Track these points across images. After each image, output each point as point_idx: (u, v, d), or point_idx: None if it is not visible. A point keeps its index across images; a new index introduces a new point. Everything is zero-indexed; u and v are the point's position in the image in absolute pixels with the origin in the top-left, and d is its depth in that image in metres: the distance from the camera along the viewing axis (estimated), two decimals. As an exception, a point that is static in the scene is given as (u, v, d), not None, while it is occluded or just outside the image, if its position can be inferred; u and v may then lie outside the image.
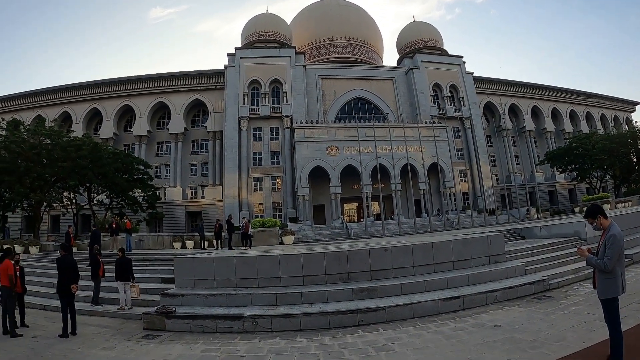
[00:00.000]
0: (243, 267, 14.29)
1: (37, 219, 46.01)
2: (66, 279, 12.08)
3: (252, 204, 63.59)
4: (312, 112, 66.44)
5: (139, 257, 20.52)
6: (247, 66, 67.42)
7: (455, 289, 12.60)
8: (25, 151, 42.33)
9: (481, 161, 69.63)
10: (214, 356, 9.23)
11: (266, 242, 33.93)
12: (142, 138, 70.06)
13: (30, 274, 15.14)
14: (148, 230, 55.64)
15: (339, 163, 57.78)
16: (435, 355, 7.77)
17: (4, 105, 76.67)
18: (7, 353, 10.03)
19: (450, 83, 72.58)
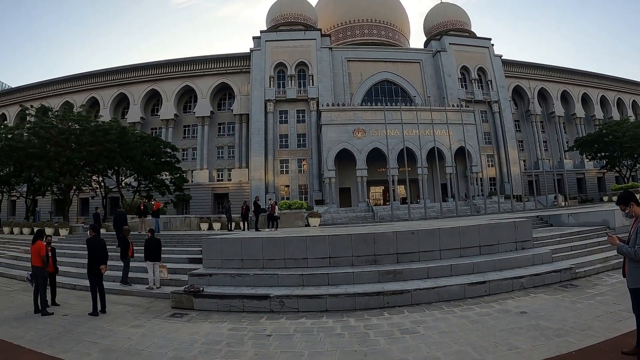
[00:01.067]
0: (270, 248, 14.39)
1: (66, 202, 46.88)
2: (95, 259, 12.32)
3: (278, 186, 63.88)
4: (339, 94, 66.09)
5: (167, 238, 20.81)
6: (273, 49, 67.24)
7: (481, 274, 12.53)
8: (54, 136, 43.08)
9: (509, 146, 68.26)
10: (241, 335, 9.34)
11: (292, 224, 34.08)
12: (169, 122, 70.75)
13: (60, 255, 15.48)
14: (175, 212, 56.27)
15: (366, 146, 57.43)
16: (460, 340, 7.78)
17: (32, 93, 78.50)
18: (39, 331, 10.28)
19: (478, 66, 71.10)
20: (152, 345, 8.83)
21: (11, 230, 38.30)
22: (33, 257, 12.43)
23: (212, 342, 8.90)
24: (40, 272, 12.32)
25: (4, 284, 18.38)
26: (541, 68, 79.43)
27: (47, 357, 8.28)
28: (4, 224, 42.04)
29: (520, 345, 7.26)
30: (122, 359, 8.05)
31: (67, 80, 77.53)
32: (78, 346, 8.95)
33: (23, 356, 8.40)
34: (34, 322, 11.20)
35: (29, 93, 79.09)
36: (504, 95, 70.78)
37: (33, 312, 12.10)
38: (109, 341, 9.28)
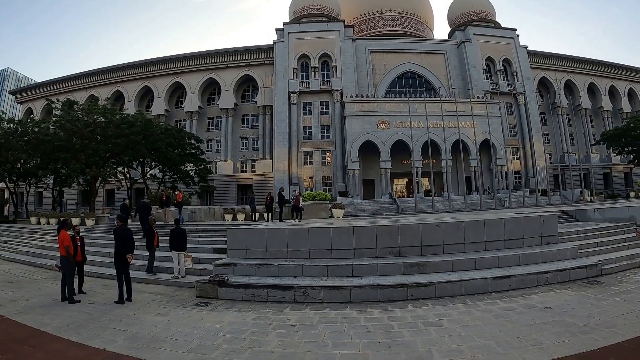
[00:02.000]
0: (295, 239, 14.48)
1: (92, 193, 47.59)
2: (122, 248, 12.55)
3: (302, 177, 63.96)
4: (362, 86, 65.76)
5: (191, 228, 21.04)
6: (296, 41, 67.17)
7: (505, 269, 12.44)
8: (80, 129, 43.79)
9: (534, 139, 67.04)
10: (265, 324, 9.45)
11: (316, 215, 34.14)
12: (193, 114, 71.37)
13: (87, 244, 15.73)
14: (199, 203, 56.95)
15: (390, 138, 57.14)
16: (484, 334, 7.77)
17: (58, 87, 79.92)
18: (65, 318, 10.49)
19: (503, 57, 69.89)
20: (177, 333, 8.98)
21: (38, 220, 38.97)
22: (60, 248, 12.70)
23: (237, 331, 9.01)
24: (65, 261, 12.57)
25: (32, 273, 18.79)
26: (567, 59, 77.76)
27: (73, 344, 8.46)
28: (31, 215, 42.79)
29: (545, 341, 7.23)
30: (147, 346, 8.19)
31: (92, 74, 78.78)
32: (104, 333, 9.13)
33: (50, 343, 8.57)
34: (60, 310, 11.44)
35: (55, 87, 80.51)
36: (530, 87, 69.53)
37: (60, 300, 12.38)
38: (135, 329, 9.46)
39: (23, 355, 7.76)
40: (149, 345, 8.25)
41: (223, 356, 7.46)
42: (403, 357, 6.91)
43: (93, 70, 79.33)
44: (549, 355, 6.55)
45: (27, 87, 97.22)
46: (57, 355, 7.72)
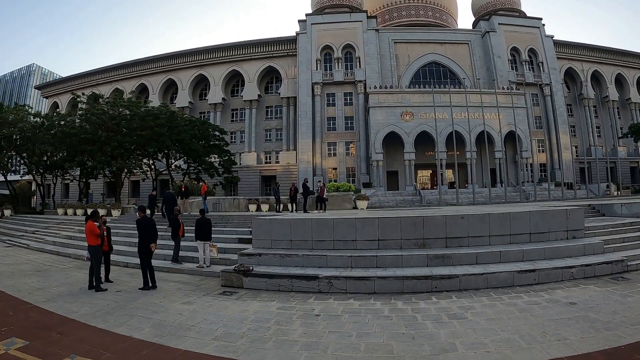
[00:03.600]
0: (319, 230, 14.53)
1: (118, 184, 48.39)
2: (145, 238, 12.84)
3: (325, 168, 64.05)
4: (386, 77, 65.40)
5: (216, 219, 21.22)
6: (319, 32, 67.01)
7: (530, 262, 12.32)
8: (106, 122, 44.52)
9: (560, 131, 65.70)
10: (289, 314, 9.56)
11: (340, 206, 34.16)
12: (217, 106, 71.76)
13: (113, 234, 16.05)
14: (224, 194, 57.22)
15: (414, 129, 56.95)
16: (508, 327, 7.76)
17: (83, 81, 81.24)
18: (92, 306, 10.72)
19: (528, 47, 68.63)
20: (203, 322, 9.14)
21: (65, 211, 39.70)
22: (88, 237, 12.98)
23: (262, 320, 9.13)
24: (94, 250, 12.84)
25: (59, 262, 19.23)
26: (594, 49, 75.78)
27: (100, 331, 8.66)
28: (58, 206, 43.55)
29: (569, 336, 7.19)
30: (173, 333, 8.35)
31: (116, 68, 79.90)
32: (131, 321, 9.34)
33: (77, 330, 8.77)
34: (87, 298, 11.70)
35: (80, 81, 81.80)
36: (556, 78, 68.18)
37: (87, 288, 12.64)
38: (161, 316, 9.67)
39: (51, 342, 7.93)
40: (175, 332, 8.40)
41: (248, 344, 7.57)
42: (427, 348, 6.94)
43: (117, 64, 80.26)
44: (573, 351, 6.52)
45: (53, 82, 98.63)
46: (85, 342, 7.90)
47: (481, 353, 6.58)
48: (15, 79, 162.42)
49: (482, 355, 6.50)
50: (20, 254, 22.38)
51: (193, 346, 7.54)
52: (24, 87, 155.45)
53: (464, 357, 6.46)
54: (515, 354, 6.49)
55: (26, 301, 11.38)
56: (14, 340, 7.98)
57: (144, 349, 7.49)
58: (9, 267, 17.55)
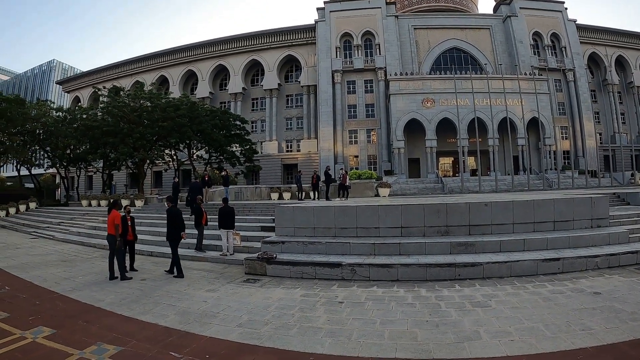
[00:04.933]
0: (342, 217, 14.62)
1: (141, 175, 48.97)
2: (175, 227, 13.05)
3: (347, 156, 64.04)
4: (406, 63, 64.91)
5: (239, 207, 21.37)
6: (338, 19, 66.66)
7: (554, 251, 12.18)
8: (127, 114, 45.07)
9: (584, 118, 64.30)
10: (313, 301, 9.64)
11: (362, 193, 34.06)
12: (237, 95, 72.07)
13: (137, 224, 16.22)
14: (245, 183, 57.56)
15: (435, 116, 56.56)
16: (532, 316, 7.72)
17: (103, 75, 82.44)
18: (118, 294, 10.91)
19: (551, 31, 67.22)
20: (227, 309, 9.26)
21: (89, 203, 40.27)
22: (108, 226, 13.16)
23: (285, 307, 9.23)
24: (114, 239, 12.99)
25: (84, 252, 19.57)
26: (619, 34, 73.87)
27: (126, 319, 8.81)
28: (82, 198, 44.20)
29: (593, 326, 7.12)
30: (198, 320, 8.46)
31: (136, 61, 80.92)
32: (156, 308, 9.49)
33: (103, 318, 8.94)
34: (113, 286, 11.89)
35: (101, 75, 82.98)
36: (579, 63, 66.75)
37: (108, 279, 12.80)
38: (185, 304, 9.80)
39: (78, 330, 8.07)
40: (200, 320, 8.52)
41: (272, 331, 7.64)
42: (451, 336, 6.95)
43: (137, 56, 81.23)
44: (598, 341, 6.46)
45: (74, 76, 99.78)
46: (111, 330, 8.03)
47: (505, 342, 6.57)
48: (37, 75, 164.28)
49: (507, 344, 6.49)
50: (46, 245, 22.80)
51: (218, 333, 7.65)
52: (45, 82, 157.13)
53: (488, 346, 6.45)
54: (540, 343, 6.46)
55: (53, 290, 11.59)
56: (41, 328, 8.14)
57: (170, 336, 7.61)
58: (36, 258, 17.87)
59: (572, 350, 6.17)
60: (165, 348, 6.98)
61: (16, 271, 14.71)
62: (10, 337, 7.69)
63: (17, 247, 22.08)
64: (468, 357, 6.12)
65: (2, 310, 9.51)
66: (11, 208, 42.02)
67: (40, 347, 7.16)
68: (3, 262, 16.94)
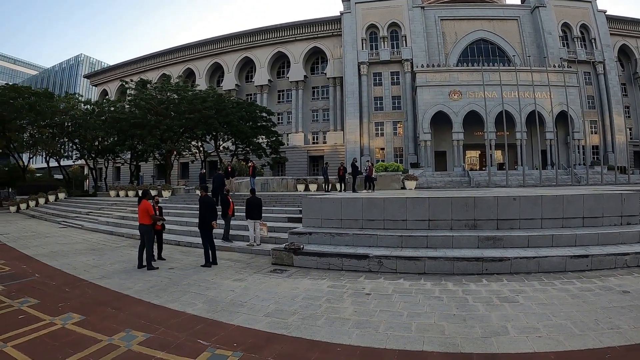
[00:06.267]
0: (370, 209, 14.60)
1: (168, 166, 49.74)
2: (207, 216, 13.27)
3: (373, 149, 64.01)
4: (433, 55, 64.44)
5: (265, 198, 21.54)
6: (363, 11, 66.42)
7: (583, 247, 11.95)
8: (155, 106, 45.79)
9: (614, 112, 62.96)
10: (340, 292, 9.71)
11: (388, 186, 33.99)
12: (263, 87, 72.57)
13: (165, 214, 16.52)
14: (271, 174, 57.93)
15: (462, 108, 56.13)
16: (560, 313, 7.66)
17: (131, 68, 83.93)
18: (146, 282, 11.15)
19: (580, 22, 65.62)
20: (255, 298, 9.39)
21: (117, 193, 40.95)
22: (140, 216, 13.32)
23: (312, 297, 9.33)
24: (147, 229, 13.21)
25: (112, 241, 20.02)
26: (650, 25, 71.88)
27: (154, 306, 8.99)
28: (110, 189, 44.96)
29: (622, 325, 7.02)
30: (226, 309, 8.60)
31: (163, 54, 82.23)
32: (184, 297, 9.67)
33: (132, 305, 9.13)
34: (141, 275, 12.15)
35: (128, 69, 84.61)
36: (609, 55, 65.24)
37: (137, 267, 13.05)
38: (213, 293, 9.96)
39: (107, 317, 8.26)
40: (227, 308, 8.66)
41: (300, 321, 7.73)
42: (478, 330, 6.95)
43: (164, 50, 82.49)
44: (627, 340, 6.40)
45: (101, 70, 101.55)
46: (140, 317, 8.20)
47: (533, 337, 6.55)
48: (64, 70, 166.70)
49: (534, 339, 6.47)
50: (75, 234, 23.29)
51: (246, 322, 7.75)
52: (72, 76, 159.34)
53: (515, 341, 6.45)
54: (568, 340, 6.43)
55: (82, 278, 11.88)
56: (71, 315, 8.35)
57: (198, 324, 7.73)
58: (65, 247, 18.26)
59: (600, 349, 6.12)
60: (193, 336, 7.11)
61: (46, 259, 15.07)
62: (40, 322, 7.89)
63: (46, 236, 22.58)
64: (496, 352, 6.12)
65: (32, 297, 9.78)
66: (41, 198, 43.09)
67: (69, 333, 7.33)
68: (33, 250, 17.39)
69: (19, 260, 15.08)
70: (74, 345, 6.74)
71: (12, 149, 55.01)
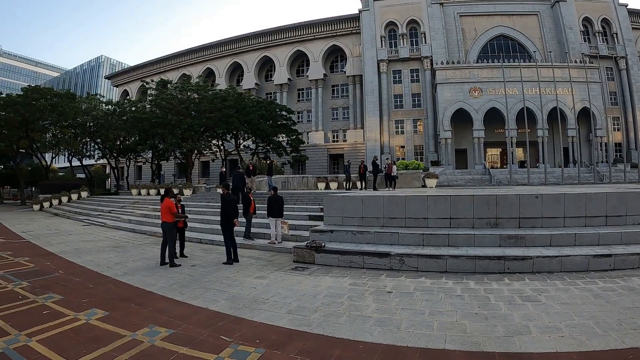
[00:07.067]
0: (391, 207, 14.63)
1: (188, 165, 50.20)
2: (229, 213, 13.40)
3: (393, 147, 63.92)
4: (452, 52, 63.95)
5: (286, 196, 21.67)
6: (382, 8, 66.27)
7: (606, 247, 11.77)
8: (175, 106, 46.34)
9: (637, 108, 61.55)
10: (362, 290, 9.75)
11: (409, 184, 33.89)
12: (283, 86, 72.83)
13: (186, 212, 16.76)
14: (291, 172, 58.22)
15: (483, 105, 55.46)
16: (583, 313, 7.60)
17: (151, 69, 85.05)
18: (169, 279, 11.32)
19: (601, 17, 64.14)
20: (276, 295, 9.50)
21: (139, 192, 41.45)
22: (162, 214, 13.50)
23: (334, 295, 9.39)
24: (170, 227, 13.38)
25: (134, 239, 20.31)
26: (674, 18, 69.93)
27: (177, 303, 9.14)
28: (132, 187, 45.49)
29: (646, 325, 6.95)
30: (248, 306, 8.71)
31: (183, 54, 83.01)
32: (206, 294, 9.80)
33: (156, 301, 9.29)
34: (164, 272, 12.34)
35: (148, 69, 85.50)
36: (632, 50, 63.58)
37: (159, 264, 13.27)
38: (235, 290, 10.09)
39: (130, 313, 8.41)
40: (249, 305, 8.77)
41: (322, 318, 7.79)
42: (500, 329, 6.95)
43: (183, 50, 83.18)
44: (651, 341, 6.35)
45: (122, 71, 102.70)
46: (163, 313, 8.34)
47: (555, 337, 6.53)
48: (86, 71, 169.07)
49: (556, 339, 6.46)
50: (98, 232, 23.65)
51: (268, 319, 7.84)
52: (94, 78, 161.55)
53: (538, 341, 6.44)
54: (590, 340, 6.40)
55: (105, 275, 12.08)
56: (95, 310, 8.51)
57: (220, 320, 7.84)
58: (88, 244, 18.59)
59: (623, 350, 6.08)
60: (216, 332, 7.21)
61: (69, 256, 15.34)
62: (65, 318, 8.05)
63: (69, 234, 22.99)
64: (518, 351, 6.12)
65: (56, 293, 9.97)
66: (63, 197, 43.87)
67: (93, 328, 7.48)
68: (57, 247, 17.69)
69: (42, 257, 15.36)
70: (98, 340, 6.88)
71: (35, 149, 56.02)
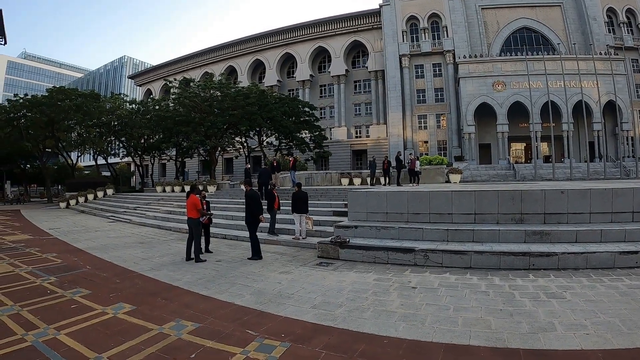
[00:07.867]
0: (415, 202, 14.66)
1: (212, 162, 50.63)
2: (253, 209, 13.49)
3: (416, 142, 63.79)
4: (475, 45, 63.30)
5: (310, 192, 21.79)
6: (403, 2, 65.97)
7: (633, 243, 11.49)
8: (198, 104, 46.76)
9: None
10: (386, 285, 9.79)
11: (432, 179, 33.86)
12: (305, 82, 73.18)
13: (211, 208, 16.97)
14: (315, 168, 58.26)
15: (506, 99, 54.88)
16: (608, 311, 7.52)
17: (174, 67, 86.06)
18: (194, 274, 11.52)
19: (626, 7, 62.38)
20: (301, 290, 9.60)
21: (163, 189, 41.89)
22: (188, 210, 13.69)
23: (359, 290, 9.44)
24: (195, 223, 13.60)
25: (160, 235, 20.68)
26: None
27: (203, 297, 9.30)
28: (157, 184, 46.01)
29: (673, 323, 6.87)
30: (273, 301, 8.82)
31: (205, 53, 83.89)
32: (232, 288, 9.95)
33: (182, 296, 9.48)
34: (189, 267, 12.56)
35: (171, 68, 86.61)
36: None
37: (185, 260, 13.49)
38: (260, 285, 10.22)
39: (157, 307, 8.59)
40: (275, 300, 8.88)
41: (346, 313, 7.85)
42: (525, 326, 6.94)
43: (206, 48, 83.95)
44: (677, 341, 6.27)
45: (145, 70, 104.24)
46: (188, 307, 8.50)
47: (580, 335, 6.51)
48: (109, 72, 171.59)
49: (582, 337, 6.43)
50: (124, 228, 24.18)
51: (293, 313, 7.94)
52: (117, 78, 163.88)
53: (563, 338, 6.42)
54: (616, 338, 6.36)
55: (132, 270, 12.35)
56: (122, 305, 8.72)
57: (246, 314, 7.97)
58: (114, 240, 18.98)
59: (649, 348, 6.03)
60: (241, 326, 7.33)
61: (96, 252, 15.67)
62: (92, 312, 8.27)
63: (96, 230, 23.44)
64: (542, 348, 6.11)
65: (84, 288, 10.24)
66: (89, 194, 44.67)
67: (121, 322, 7.66)
68: (84, 243, 18.09)
69: (70, 253, 15.71)
70: (126, 333, 7.05)
71: (60, 148, 57.16)
